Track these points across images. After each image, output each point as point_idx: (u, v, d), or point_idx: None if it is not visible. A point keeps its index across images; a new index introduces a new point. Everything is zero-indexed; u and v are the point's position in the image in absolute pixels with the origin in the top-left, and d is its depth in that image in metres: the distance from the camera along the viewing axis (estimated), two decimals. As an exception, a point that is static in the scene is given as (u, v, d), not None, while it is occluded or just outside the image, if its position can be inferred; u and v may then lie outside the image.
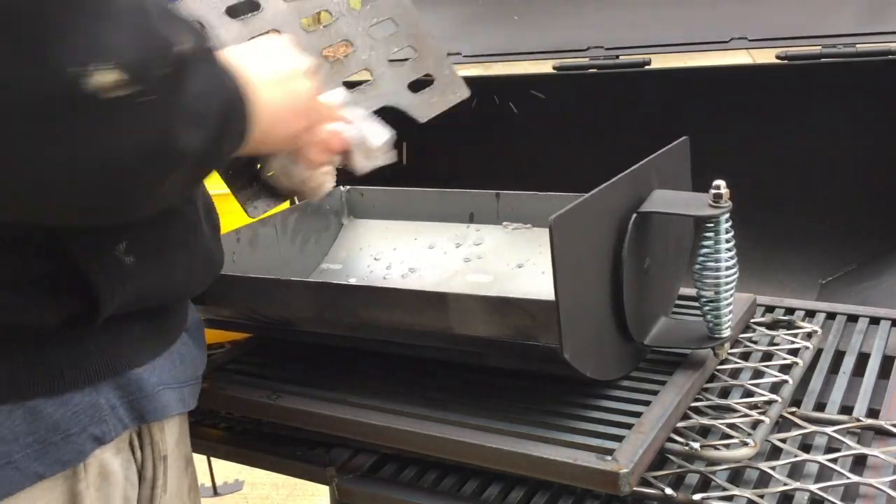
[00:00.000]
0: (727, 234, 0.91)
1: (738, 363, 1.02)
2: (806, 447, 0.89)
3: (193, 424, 1.08)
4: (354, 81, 1.01)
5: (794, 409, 0.94)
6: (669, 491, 0.82)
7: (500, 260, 1.22)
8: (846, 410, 0.94)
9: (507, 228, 1.25)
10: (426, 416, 0.90)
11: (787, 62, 1.54)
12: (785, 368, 0.99)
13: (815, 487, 0.81)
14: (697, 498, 0.81)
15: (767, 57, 1.58)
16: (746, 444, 0.85)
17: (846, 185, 1.60)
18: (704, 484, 0.84)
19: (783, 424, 0.93)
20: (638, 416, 0.86)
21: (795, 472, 0.85)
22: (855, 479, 0.81)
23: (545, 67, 1.75)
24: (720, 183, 0.90)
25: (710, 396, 0.96)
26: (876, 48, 1.48)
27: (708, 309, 0.93)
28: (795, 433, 0.90)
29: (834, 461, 0.84)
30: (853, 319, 1.15)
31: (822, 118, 1.58)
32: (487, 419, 0.88)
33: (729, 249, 0.91)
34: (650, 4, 1.72)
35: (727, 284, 0.92)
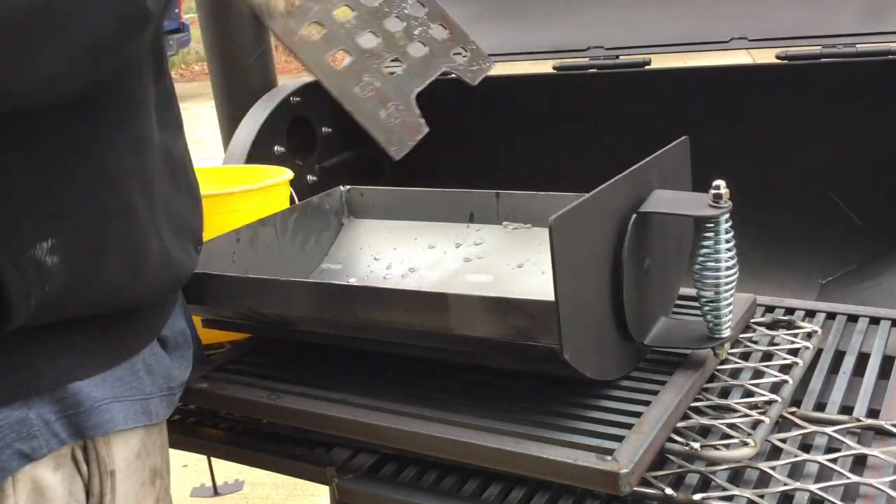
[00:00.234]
0: (727, 234, 0.91)
1: (738, 363, 1.03)
2: (806, 447, 0.89)
3: (193, 424, 1.08)
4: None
5: (794, 409, 0.94)
6: (669, 491, 0.82)
7: (500, 260, 1.22)
8: (846, 410, 0.94)
9: (507, 228, 1.25)
10: (426, 416, 0.90)
11: (787, 62, 1.54)
12: (785, 368, 0.99)
13: (815, 487, 0.81)
14: (697, 498, 0.81)
15: (767, 57, 1.58)
16: (746, 444, 0.85)
17: (846, 185, 1.60)
18: (704, 484, 0.84)
19: (783, 424, 0.93)
20: (638, 416, 0.86)
21: (795, 472, 0.85)
22: (855, 479, 0.81)
23: (545, 67, 1.75)
24: (720, 183, 0.90)
25: (710, 396, 0.96)
26: (876, 48, 1.48)
27: (708, 309, 0.93)
28: (795, 433, 0.90)
29: (834, 461, 0.84)
30: (853, 319, 1.15)
31: (822, 118, 1.59)
32: (487, 419, 0.88)
33: (729, 249, 0.91)
34: (650, 4, 1.72)
35: (727, 284, 0.92)
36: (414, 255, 1.28)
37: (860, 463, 0.85)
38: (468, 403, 0.92)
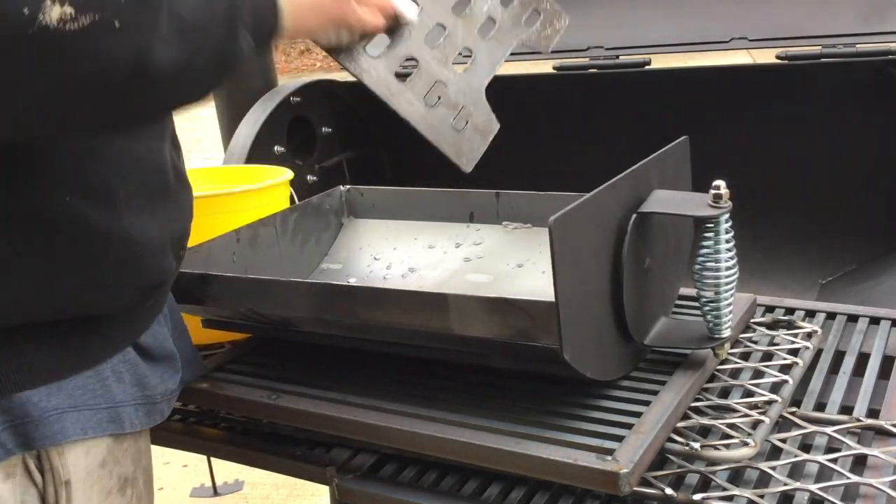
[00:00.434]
0: (727, 234, 0.91)
1: (738, 363, 1.02)
2: (806, 447, 0.89)
3: (193, 424, 1.08)
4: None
5: (794, 409, 0.94)
6: (669, 491, 0.82)
7: (500, 260, 1.22)
8: (846, 410, 0.94)
9: (507, 228, 1.25)
10: (426, 416, 0.90)
11: (787, 62, 1.54)
12: (785, 368, 0.99)
13: (815, 487, 0.81)
14: (697, 498, 0.81)
15: (767, 57, 1.58)
16: (746, 444, 0.85)
17: (846, 185, 1.60)
18: (704, 484, 0.84)
19: (783, 424, 0.93)
20: (638, 416, 0.86)
21: (795, 472, 0.85)
22: (855, 479, 0.81)
23: (545, 67, 1.75)
24: (720, 183, 0.90)
25: (710, 396, 0.96)
26: (876, 48, 1.48)
27: (708, 309, 0.93)
28: (795, 433, 0.90)
29: (834, 461, 0.84)
30: (853, 319, 1.15)
31: (822, 118, 1.59)
32: (487, 419, 0.88)
33: (729, 249, 0.91)
34: (650, 4, 1.72)
35: (727, 284, 0.92)
36: (414, 255, 1.28)
37: (860, 463, 0.85)
38: (468, 403, 0.92)
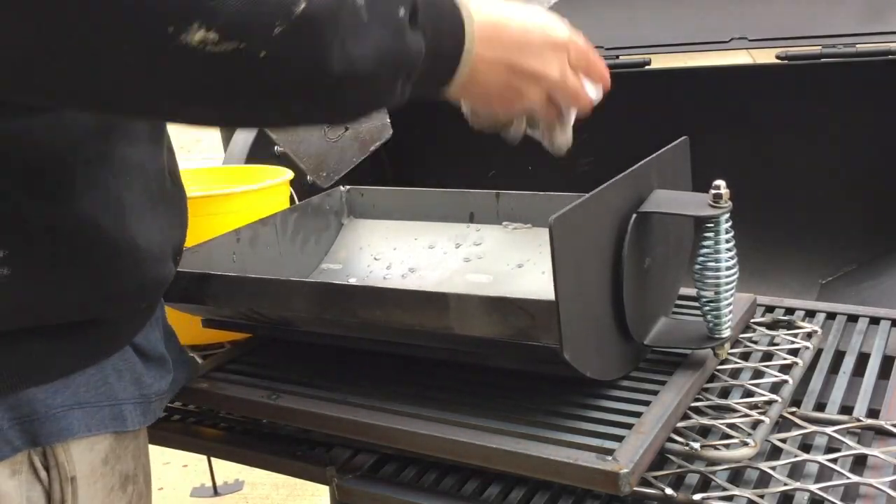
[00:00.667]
0: (727, 234, 0.91)
1: (738, 363, 1.02)
2: (806, 447, 0.89)
3: (193, 424, 1.08)
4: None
5: (794, 409, 0.94)
6: (669, 491, 0.82)
7: (500, 260, 1.22)
8: (846, 410, 0.94)
9: (507, 228, 1.25)
10: (426, 416, 0.90)
11: (787, 62, 1.54)
12: (785, 368, 0.99)
13: (815, 487, 0.81)
14: (697, 498, 0.81)
15: (767, 57, 1.58)
16: (746, 444, 0.85)
17: (846, 185, 1.60)
18: (704, 484, 0.84)
19: (783, 424, 0.93)
20: (638, 416, 0.86)
21: (795, 472, 0.85)
22: (855, 479, 0.81)
23: (545, 67, 1.75)
24: (720, 183, 0.90)
25: (710, 396, 0.96)
26: (876, 48, 1.48)
27: (708, 309, 0.93)
28: (795, 433, 0.90)
29: (834, 461, 0.84)
30: (853, 319, 1.15)
31: (822, 118, 1.59)
32: (487, 419, 0.88)
33: (729, 249, 0.91)
34: (650, 4, 1.72)
35: (727, 284, 0.92)
36: (414, 255, 1.28)
37: (860, 463, 0.85)
38: (468, 403, 0.92)
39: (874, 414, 0.93)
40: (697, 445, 0.85)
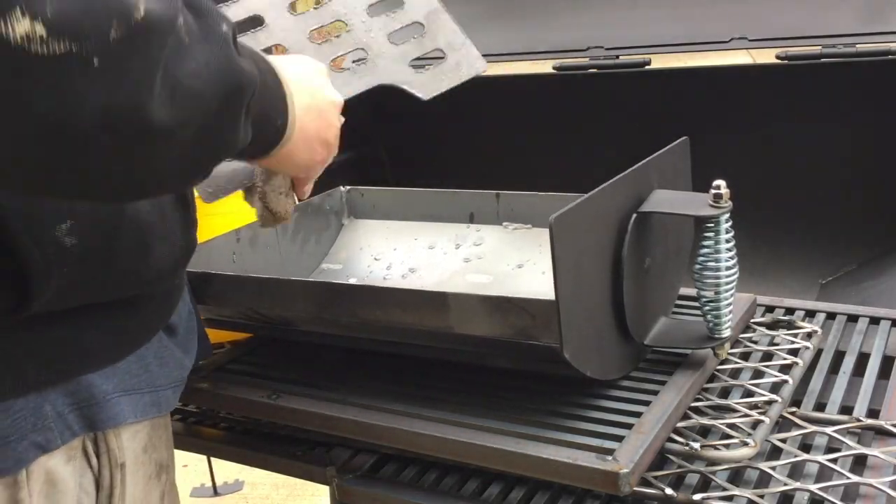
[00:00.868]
0: (727, 234, 0.91)
1: (738, 363, 1.02)
2: (806, 447, 0.89)
3: (193, 424, 1.08)
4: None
5: (794, 409, 0.94)
6: (669, 491, 0.82)
7: (500, 260, 1.22)
8: (846, 410, 0.94)
9: (507, 228, 1.25)
10: (426, 416, 0.90)
11: (787, 62, 1.54)
12: (785, 368, 0.99)
13: (815, 487, 0.81)
14: (697, 498, 0.81)
15: (767, 57, 1.58)
16: (746, 444, 0.85)
17: (846, 185, 1.60)
18: (704, 484, 0.84)
19: (783, 424, 0.93)
20: (638, 416, 0.86)
21: (795, 472, 0.85)
22: (855, 479, 0.81)
23: (545, 67, 1.75)
24: (720, 183, 0.90)
25: (710, 396, 0.96)
26: (876, 48, 1.48)
27: (708, 309, 0.93)
28: (795, 433, 0.90)
29: (834, 461, 0.84)
30: (853, 319, 1.15)
31: (822, 118, 1.58)
32: (487, 419, 0.88)
33: (729, 249, 0.91)
34: (650, 4, 1.72)
35: (727, 284, 0.92)
36: (414, 255, 1.28)
37: (860, 463, 0.85)
38: (468, 403, 0.92)
39: (874, 414, 0.93)
40: (697, 445, 0.85)
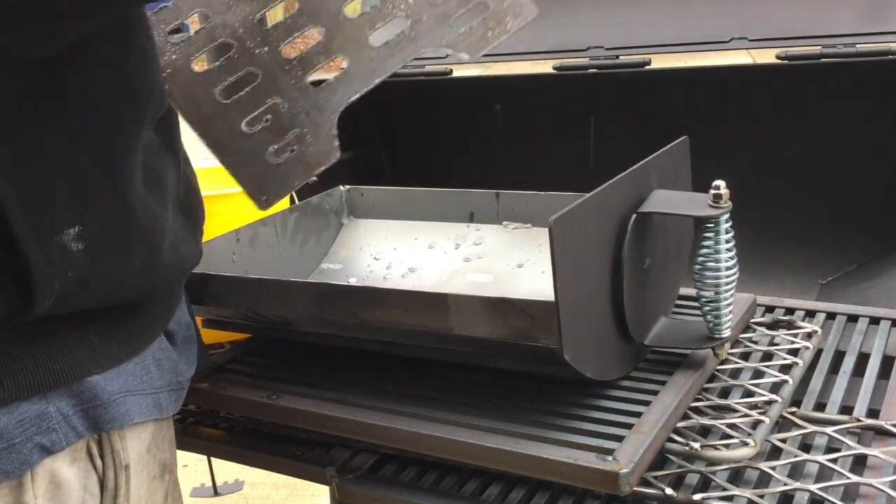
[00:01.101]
0: (727, 234, 0.91)
1: (738, 363, 1.03)
2: (806, 447, 0.89)
3: (193, 424, 1.08)
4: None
5: (794, 409, 0.94)
6: (669, 491, 0.82)
7: (500, 260, 1.22)
8: (846, 410, 0.94)
9: (507, 228, 1.25)
10: (426, 416, 0.90)
11: (787, 62, 1.54)
12: (785, 368, 0.99)
13: (815, 487, 0.81)
14: (697, 498, 0.81)
15: (767, 57, 1.58)
16: (746, 444, 0.85)
17: (846, 184, 1.60)
18: (704, 484, 0.84)
19: (783, 424, 0.93)
20: (638, 416, 0.86)
21: (795, 472, 0.85)
22: (855, 479, 0.81)
23: (545, 67, 1.75)
24: (720, 183, 0.90)
25: (710, 396, 0.96)
26: (876, 48, 1.48)
27: (708, 309, 0.93)
28: (795, 433, 0.90)
29: (834, 461, 0.84)
30: (853, 319, 1.15)
31: (822, 118, 1.59)
32: (487, 419, 0.88)
33: (729, 249, 0.92)
34: (650, 4, 1.72)
35: (727, 284, 0.92)
36: (414, 255, 1.28)
37: (860, 463, 0.85)
38: (468, 403, 0.92)
39: (874, 414, 0.93)
40: (697, 445, 0.85)
